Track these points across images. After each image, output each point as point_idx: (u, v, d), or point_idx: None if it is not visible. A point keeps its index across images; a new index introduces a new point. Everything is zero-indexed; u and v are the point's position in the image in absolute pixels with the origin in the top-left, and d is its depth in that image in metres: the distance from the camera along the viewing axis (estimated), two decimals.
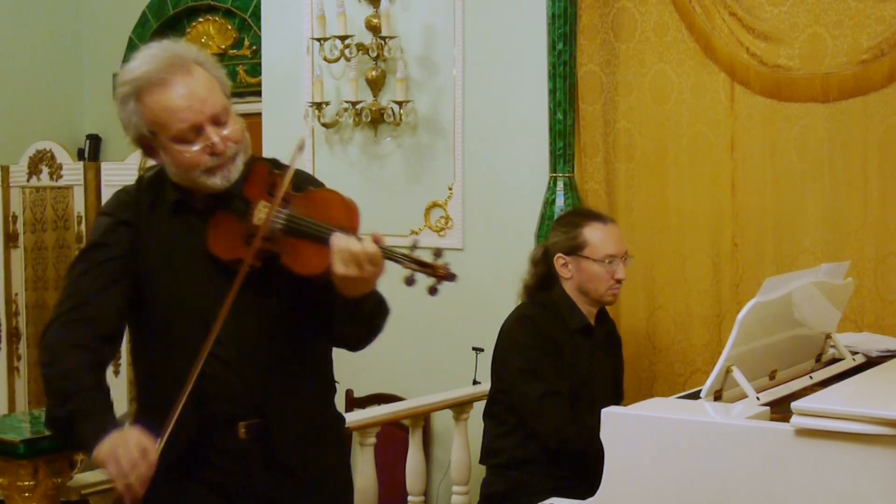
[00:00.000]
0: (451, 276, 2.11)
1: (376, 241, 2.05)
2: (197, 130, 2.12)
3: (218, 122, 2.15)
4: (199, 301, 2.18)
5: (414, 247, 2.09)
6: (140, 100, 2.13)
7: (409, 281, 2.08)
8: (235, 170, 2.17)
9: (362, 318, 2.18)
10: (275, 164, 2.28)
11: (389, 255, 2.06)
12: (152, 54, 2.16)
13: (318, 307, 2.21)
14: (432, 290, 2.11)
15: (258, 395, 2.23)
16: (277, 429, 2.25)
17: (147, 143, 2.18)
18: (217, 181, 2.15)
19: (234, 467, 2.25)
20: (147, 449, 2.02)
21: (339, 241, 2.02)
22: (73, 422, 2.11)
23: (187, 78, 2.13)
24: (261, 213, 2.15)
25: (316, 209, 2.14)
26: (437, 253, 2.11)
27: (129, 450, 2.01)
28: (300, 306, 2.24)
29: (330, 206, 2.15)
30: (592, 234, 3.23)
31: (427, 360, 4.64)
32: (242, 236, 2.15)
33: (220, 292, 2.12)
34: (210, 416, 2.22)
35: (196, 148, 2.12)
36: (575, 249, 3.23)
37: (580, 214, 3.44)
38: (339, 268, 2.01)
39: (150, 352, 2.27)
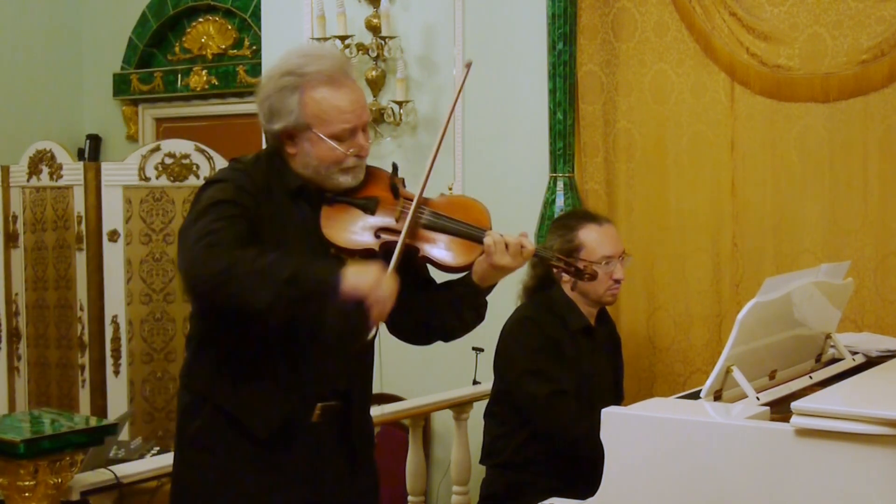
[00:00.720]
0: (594, 275, 2.49)
1: (525, 239, 2.34)
2: (352, 133, 2.32)
3: (365, 130, 2.37)
4: None
5: (554, 249, 2.43)
6: (305, 92, 2.30)
7: (559, 274, 2.46)
8: (362, 173, 2.39)
9: (482, 305, 2.43)
10: (394, 169, 2.50)
11: (542, 253, 2.48)
12: (321, 54, 2.36)
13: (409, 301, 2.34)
14: (573, 286, 2.73)
15: (346, 378, 2.40)
16: (356, 412, 2.44)
17: (295, 133, 2.32)
18: (349, 180, 2.35)
19: (305, 448, 2.36)
20: (394, 290, 2.12)
21: (501, 235, 2.32)
22: (298, 274, 2.08)
23: (354, 85, 2.37)
24: (396, 208, 2.37)
25: (458, 210, 2.40)
26: (576, 266, 2.46)
27: (385, 284, 2.09)
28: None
29: (473, 210, 2.42)
30: (588, 235, 3.22)
31: (427, 360, 4.64)
32: (370, 228, 2.35)
33: None
34: (305, 397, 2.34)
35: (343, 148, 2.31)
36: (572, 252, 3.22)
37: (575, 216, 3.42)
38: (499, 258, 2.30)
39: (239, 331, 2.28)
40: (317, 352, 2.32)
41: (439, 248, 2.36)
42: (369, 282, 2.08)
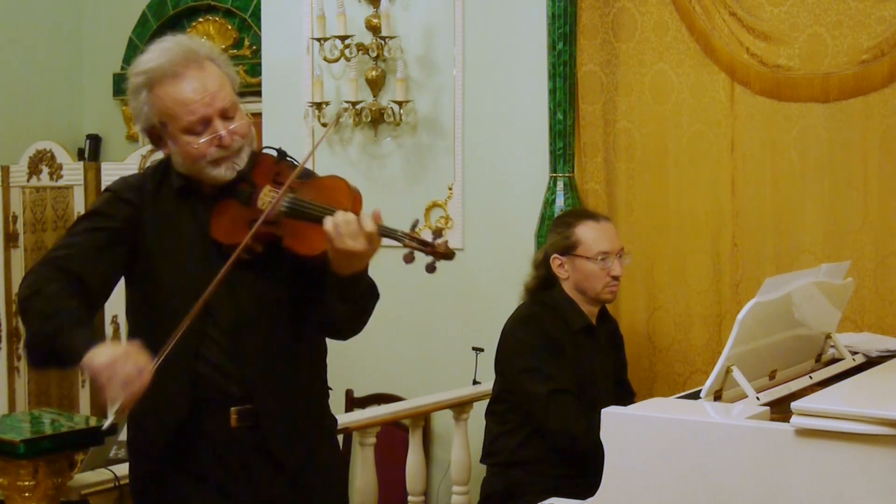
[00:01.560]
0: (449, 254, 2.14)
1: (376, 217, 2.12)
2: (205, 123, 2.19)
3: (226, 115, 2.22)
4: (195, 283, 2.17)
5: (415, 225, 2.15)
6: (152, 91, 2.20)
7: (408, 258, 2.14)
8: (241, 162, 2.24)
9: (354, 299, 2.21)
10: (280, 154, 2.33)
11: (388, 232, 2.12)
12: (166, 47, 2.24)
13: (313, 295, 2.25)
14: (430, 268, 2.13)
15: (250, 380, 2.25)
16: (267, 416, 2.27)
17: (156, 133, 2.25)
18: (221, 172, 2.22)
19: (226, 457, 2.26)
20: (144, 367, 2.00)
21: (338, 215, 2.09)
22: (59, 334, 2.07)
23: (199, 72, 2.21)
24: (266, 197, 2.22)
25: (321, 194, 2.21)
26: (438, 232, 2.17)
27: (126, 364, 1.98)
28: (297, 295, 2.29)
29: (335, 191, 2.21)
30: (585, 232, 3.24)
31: (427, 360, 4.64)
32: (245, 221, 2.20)
33: (212, 273, 2.15)
34: (202, 399, 2.24)
35: (203, 140, 2.19)
36: (569, 249, 3.24)
37: (574, 214, 3.46)
38: (338, 242, 2.07)
39: (146, 331, 2.25)
40: (214, 355, 2.25)
41: (291, 236, 2.19)
42: (108, 362, 1.98)
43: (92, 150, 6.56)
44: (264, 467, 2.29)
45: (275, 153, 2.32)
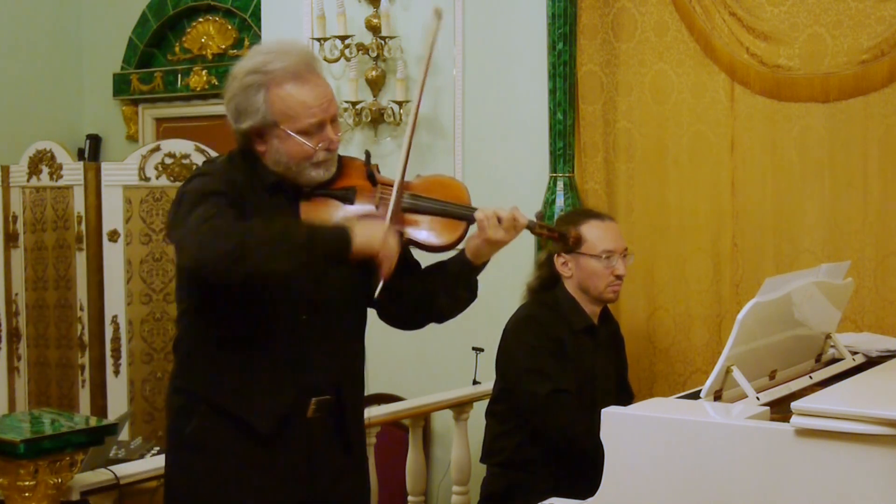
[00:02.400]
0: (579, 239, 2.60)
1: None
2: (320, 127, 2.32)
3: (334, 122, 2.38)
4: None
5: (542, 216, 2.51)
6: (271, 90, 2.29)
7: (543, 242, 2.50)
8: (335, 165, 2.39)
9: (475, 283, 2.49)
10: (367, 157, 2.50)
11: (529, 224, 2.46)
12: (286, 51, 2.34)
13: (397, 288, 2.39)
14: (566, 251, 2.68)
15: (337, 370, 2.41)
16: (349, 407, 2.45)
17: (262, 131, 2.33)
18: (322, 173, 2.36)
19: (300, 445, 2.37)
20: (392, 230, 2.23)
21: (489, 211, 2.37)
22: (312, 233, 2.18)
23: (320, 79, 2.36)
24: (378, 196, 2.38)
25: (436, 191, 2.44)
26: (560, 231, 2.56)
27: (388, 229, 2.21)
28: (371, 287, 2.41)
29: (449, 188, 2.47)
30: (590, 231, 3.24)
31: (427, 360, 4.64)
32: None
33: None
34: (296, 389, 2.35)
35: (313, 142, 2.32)
36: (573, 247, 3.24)
37: (578, 213, 3.47)
38: (495, 233, 2.36)
39: (236, 324, 2.32)
40: (308, 341, 2.35)
41: (423, 230, 2.38)
42: (378, 239, 2.17)
43: (92, 150, 6.56)
44: (333, 458, 2.43)
45: (363, 157, 2.50)
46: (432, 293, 2.46)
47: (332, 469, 2.43)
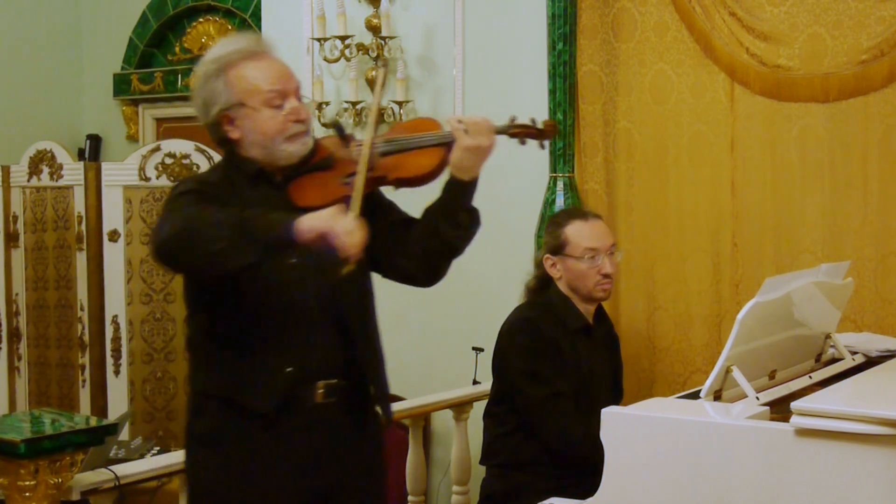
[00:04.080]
0: (555, 128, 2.57)
1: None
2: (283, 97, 2.35)
3: (298, 96, 2.39)
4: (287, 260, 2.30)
5: (514, 119, 2.48)
6: (228, 73, 2.34)
7: (522, 142, 2.51)
8: (310, 140, 2.40)
9: (473, 208, 2.45)
10: (339, 130, 2.49)
11: (501, 129, 2.45)
12: (236, 38, 2.44)
13: (396, 248, 2.44)
14: (542, 145, 2.58)
15: (344, 353, 2.39)
16: (364, 393, 2.44)
17: (230, 115, 2.34)
18: (297, 148, 2.36)
19: (310, 432, 2.36)
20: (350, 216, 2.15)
21: (454, 121, 2.36)
22: (248, 222, 2.13)
23: (274, 55, 2.42)
24: (353, 151, 2.39)
25: (407, 130, 2.46)
26: (532, 121, 2.49)
27: (340, 218, 2.12)
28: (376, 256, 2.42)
29: (419, 125, 2.49)
30: (573, 231, 3.24)
31: (427, 360, 4.64)
32: (337, 179, 2.37)
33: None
34: (300, 372, 2.34)
35: (282, 114, 2.34)
36: (559, 249, 3.25)
37: (564, 214, 3.48)
38: (468, 140, 2.33)
39: (233, 316, 2.34)
40: (307, 323, 2.35)
41: (406, 167, 2.39)
42: (325, 217, 2.11)
43: (92, 150, 6.55)
44: (352, 437, 2.42)
45: (333, 131, 2.50)
46: (434, 227, 2.42)
47: (345, 456, 2.42)
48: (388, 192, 2.55)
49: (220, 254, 2.12)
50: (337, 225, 2.10)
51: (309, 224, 2.11)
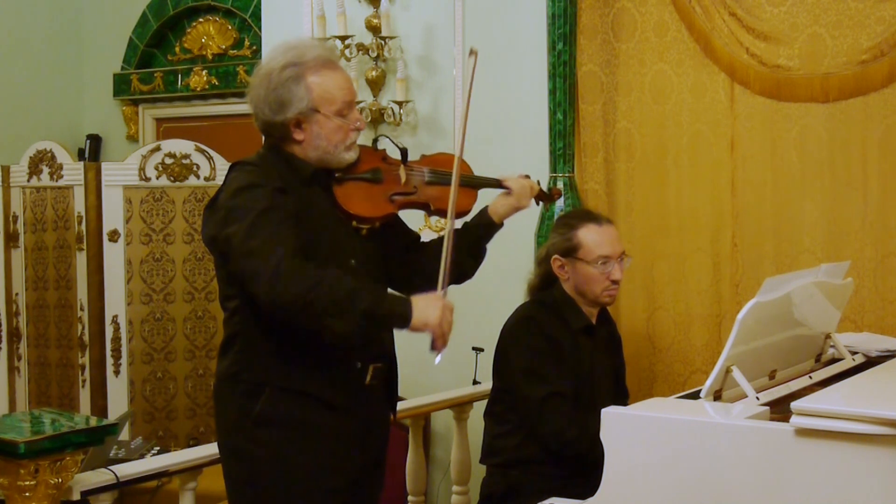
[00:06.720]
0: (559, 194, 3.06)
1: None
2: (350, 108, 2.55)
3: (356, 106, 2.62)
4: (345, 252, 2.53)
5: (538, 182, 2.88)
6: (308, 78, 2.48)
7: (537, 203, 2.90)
8: (358, 148, 2.61)
9: (483, 251, 2.80)
10: (374, 143, 2.76)
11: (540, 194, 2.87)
12: (311, 45, 2.58)
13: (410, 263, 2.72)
14: (547, 207, 3.31)
15: (386, 336, 2.65)
16: (395, 372, 2.72)
17: (302, 119, 2.49)
18: (352, 155, 2.57)
19: (362, 411, 2.56)
20: (449, 306, 2.41)
21: (523, 181, 2.88)
22: (376, 304, 2.34)
23: (341, 66, 2.61)
24: (404, 174, 2.64)
25: (444, 165, 2.72)
26: (549, 189, 2.97)
27: (447, 314, 2.39)
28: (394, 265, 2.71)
29: (450, 161, 2.70)
30: (586, 235, 3.22)
31: (427, 360, 4.62)
32: (385, 194, 2.60)
33: (352, 245, 2.55)
34: (358, 359, 2.56)
35: (348, 124, 2.54)
36: (570, 251, 3.23)
37: (576, 216, 3.43)
38: (522, 201, 2.83)
39: None
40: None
41: (439, 200, 2.65)
42: (436, 317, 2.35)
43: (92, 150, 6.56)
44: (386, 415, 2.71)
45: (369, 144, 2.72)
46: (457, 259, 2.60)
47: (383, 433, 2.67)
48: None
49: (332, 328, 2.32)
50: (445, 324, 2.37)
51: (423, 321, 2.35)
